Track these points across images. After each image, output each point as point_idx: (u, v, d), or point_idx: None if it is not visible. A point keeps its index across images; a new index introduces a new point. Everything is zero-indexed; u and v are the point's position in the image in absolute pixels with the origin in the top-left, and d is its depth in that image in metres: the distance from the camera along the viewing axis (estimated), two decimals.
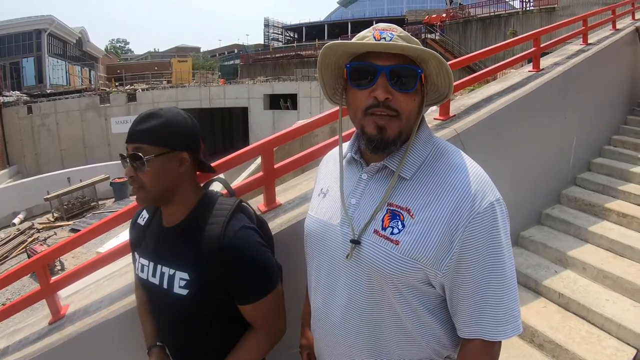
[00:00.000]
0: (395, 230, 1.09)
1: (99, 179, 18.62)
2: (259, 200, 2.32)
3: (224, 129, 34.38)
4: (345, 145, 1.30)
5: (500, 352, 1.12)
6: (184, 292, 1.35)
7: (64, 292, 2.26)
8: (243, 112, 29.55)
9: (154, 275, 1.43)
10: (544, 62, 4.65)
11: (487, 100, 3.66)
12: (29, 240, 14.67)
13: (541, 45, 4.49)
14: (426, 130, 1.19)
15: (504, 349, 1.12)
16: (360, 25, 46.17)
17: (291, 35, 62.81)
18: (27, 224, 16.49)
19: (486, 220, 1.05)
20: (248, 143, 21.23)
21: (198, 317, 1.41)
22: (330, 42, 1.13)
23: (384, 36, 1.07)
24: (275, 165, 2.20)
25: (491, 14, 27.38)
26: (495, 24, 26.40)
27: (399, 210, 1.11)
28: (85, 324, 1.93)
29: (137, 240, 1.55)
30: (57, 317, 2.08)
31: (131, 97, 27.42)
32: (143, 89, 30.14)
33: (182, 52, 63.11)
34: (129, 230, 1.61)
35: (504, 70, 4.65)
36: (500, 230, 1.07)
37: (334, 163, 1.34)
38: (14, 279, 2.16)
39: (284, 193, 2.40)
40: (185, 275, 1.35)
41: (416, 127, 1.15)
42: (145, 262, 1.47)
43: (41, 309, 2.24)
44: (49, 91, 31.18)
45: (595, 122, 5.19)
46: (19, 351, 1.97)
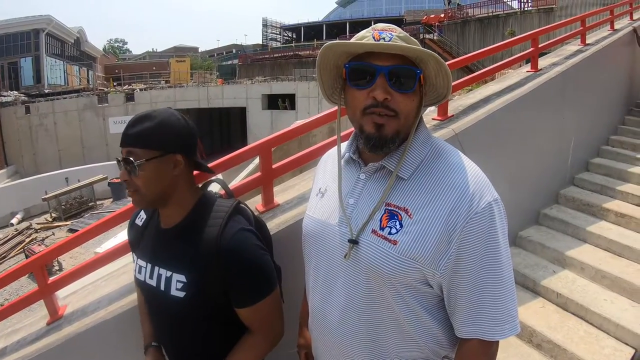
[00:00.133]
0: (393, 230, 1.09)
1: (97, 179, 18.62)
2: (257, 200, 2.31)
3: (222, 129, 34.38)
4: (344, 145, 1.30)
5: (497, 352, 1.12)
6: (181, 295, 1.33)
7: (62, 293, 2.25)
8: (241, 112, 29.58)
9: (151, 277, 1.42)
10: (542, 63, 4.65)
11: (485, 101, 3.66)
12: (27, 240, 14.65)
13: (539, 45, 4.49)
14: (424, 130, 1.19)
15: (502, 349, 1.12)
16: (359, 25, 46.30)
17: (289, 35, 62.80)
18: (25, 224, 16.48)
19: (484, 221, 1.05)
20: (246, 143, 21.25)
21: (195, 320, 1.40)
22: (330, 42, 1.13)
23: (383, 36, 1.07)
24: (274, 166, 2.20)
25: (489, 14, 27.43)
26: (494, 24, 26.46)
27: (397, 210, 1.11)
28: (83, 324, 1.92)
29: (135, 241, 1.54)
30: (55, 318, 2.07)
31: (129, 97, 27.45)
32: (141, 89, 30.14)
33: (180, 52, 63.09)
34: (128, 231, 1.60)
35: (502, 71, 4.65)
36: (498, 230, 1.07)
37: (332, 163, 1.34)
38: (12, 280, 2.14)
39: (282, 193, 2.40)
40: (183, 278, 1.33)
41: (414, 128, 1.15)
42: (143, 264, 1.46)
43: (39, 310, 2.23)
44: (47, 91, 31.19)
45: (594, 123, 5.19)
46: (17, 352, 1.96)
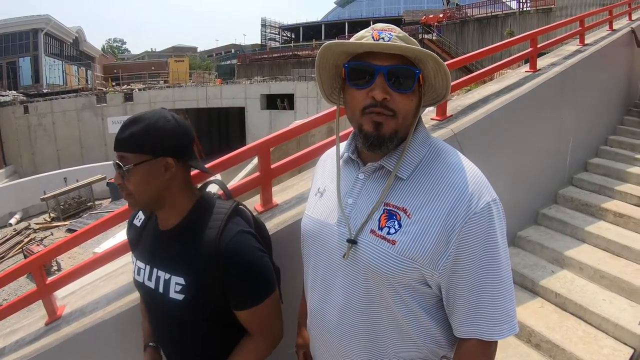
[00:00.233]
0: (392, 230, 1.09)
1: (96, 179, 18.60)
2: (256, 200, 2.31)
3: (221, 129, 34.37)
4: (343, 145, 1.30)
5: (496, 352, 1.12)
6: (180, 297, 1.32)
7: (60, 293, 2.24)
8: (240, 112, 29.56)
9: (149, 278, 1.40)
10: (541, 63, 4.65)
11: (484, 101, 3.66)
12: (26, 240, 14.64)
13: (538, 45, 4.49)
14: (423, 130, 1.19)
15: (501, 349, 1.12)
16: (357, 25, 46.36)
17: (288, 35, 62.82)
18: (24, 224, 16.46)
19: (482, 221, 1.05)
20: (245, 143, 21.25)
21: (194, 322, 1.39)
22: (329, 42, 1.12)
23: (382, 36, 1.07)
24: (272, 166, 2.20)
25: (488, 14, 27.43)
26: (492, 25, 26.45)
27: (395, 210, 1.11)
28: (82, 324, 1.92)
29: (134, 241, 1.53)
30: (54, 318, 2.06)
31: (128, 97, 27.43)
32: (140, 89, 30.15)
33: (179, 52, 62.99)
34: (127, 230, 1.59)
35: (500, 71, 4.65)
36: (497, 231, 1.07)
37: (331, 163, 1.34)
38: (10, 280, 2.14)
39: (280, 193, 2.39)
40: (181, 280, 1.32)
41: (413, 128, 1.15)
42: (142, 265, 1.45)
43: (38, 310, 2.22)
44: (45, 91, 31.19)
45: (592, 123, 5.20)
46: (15, 352, 1.96)
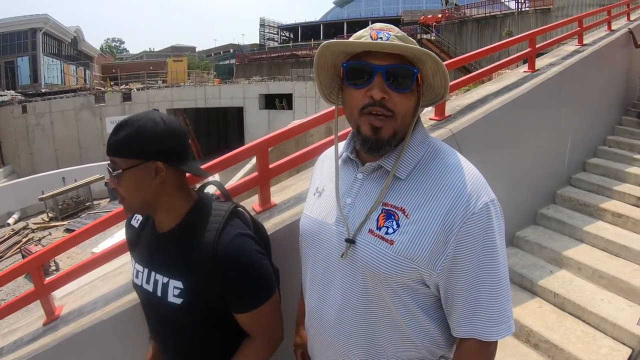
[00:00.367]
0: (390, 230, 1.09)
1: (94, 178, 18.59)
2: (254, 200, 2.31)
3: (220, 129, 34.38)
4: (341, 144, 1.30)
5: (496, 352, 1.12)
6: (178, 301, 1.31)
7: (59, 293, 2.24)
8: (238, 112, 29.58)
9: (147, 282, 1.39)
10: (540, 63, 4.66)
11: (483, 101, 3.66)
12: (24, 240, 14.64)
13: (536, 45, 4.50)
14: (422, 130, 1.19)
15: (499, 349, 1.12)
16: (356, 25, 46.40)
17: (287, 35, 62.77)
18: (22, 224, 16.47)
19: (481, 221, 1.05)
20: (243, 143, 21.21)
21: (193, 326, 1.38)
22: (327, 41, 1.12)
23: (380, 36, 1.07)
24: (270, 165, 2.20)
25: (487, 14, 27.44)
26: (491, 25, 26.47)
27: (393, 210, 1.11)
28: (80, 324, 1.91)
29: (133, 242, 1.52)
30: (52, 318, 2.06)
31: (126, 97, 27.44)
32: (138, 89, 30.15)
33: (178, 52, 62.90)
34: (125, 230, 1.58)
35: (499, 71, 4.67)
36: (495, 231, 1.07)
37: (330, 162, 1.34)
38: (8, 280, 2.13)
39: (279, 193, 2.39)
40: (179, 284, 1.31)
41: (412, 127, 1.14)
42: (140, 268, 1.43)
43: (36, 310, 2.22)
44: (43, 90, 31.18)
45: (590, 123, 5.21)
46: (13, 352, 1.96)
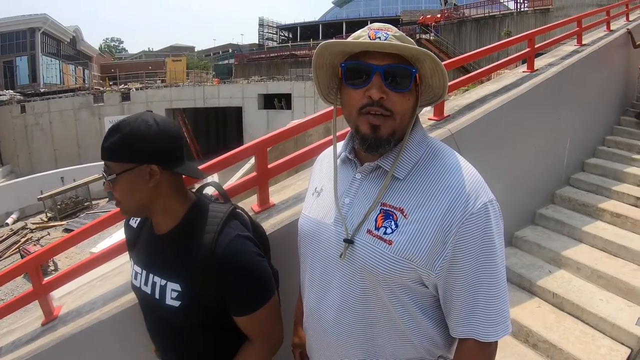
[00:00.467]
0: (389, 230, 1.09)
1: (93, 178, 18.54)
2: (253, 200, 2.31)
3: (218, 129, 34.34)
4: (340, 144, 1.30)
5: (496, 352, 1.12)
6: (176, 304, 1.30)
7: (57, 293, 2.24)
8: (237, 112, 29.56)
9: (146, 283, 1.38)
10: (538, 63, 4.66)
11: (482, 101, 3.66)
12: (22, 240, 14.63)
13: (535, 45, 4.50)
14: (420, 130, 1.19)
15: (498, 349, 1.12)
16: (355, 25, 46.31)
17: (286, 35, 62.72)
18: (21, 224, 16.46)
19: (479, 221, 1.05)
20: (242, 143, 21.11)
21: (192, 329, 1.37)
22: (325, 41, 1.12)
23: (378, 35, 1.07)
24: (269, 165, 2.19)
25: (486, 14, 27.47)
26: (490, 25, 26.50)
27: (392, 210, 1.11)
28: (78, 325, 1.91)
29: (132, 242, 1.51)
30: (50, 318, 2.05)
31: (125, 97, 27.44)
32: (137, 88, 30.14)
33: (177, 52, 62.88)
34: (124, 230, 1.58)
35: (498, 71, 4.67)
36: (494, 231, 1.07)
37: (328, 162, 1.34)
38: (7, 280, 2.13)
39: (277, 193, 2.39)
40: (177, 287, 1.30)
41: (410, 127, 1.14)
42: (139, 270, 1.43)
43: (34, 310, 2.21)
44: (42, 90, 31.15)
45: (589, 123, 5.21)
46: (12, 352, 1.95)
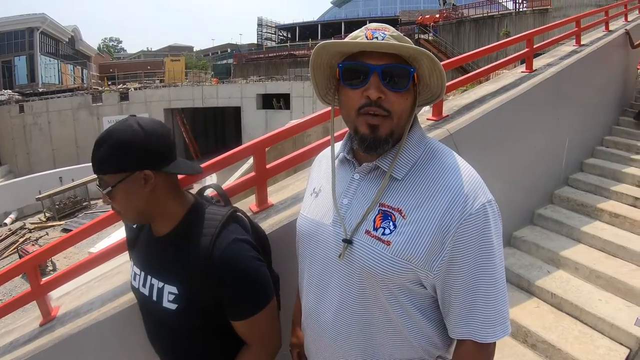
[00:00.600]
0: (387, 230, 1.09)
1: (91, 178, 18.48)
2: (251, 200, 2.31)
3: (217, 129, 34.34)
4: (338, 145, 1.29)
5: (494, 353, 1.12)
6: (173, 307, 1.29)
7: (56, 293, 2.23)
8: (236, 112, 29.54)
9: (144, 285, 1.38)
10: (537, 63, 4.66)
11: (480, 101, 3.66)
12: (21, 240, 14.59)
13: (534, 46, 4.50)
14: (419, 130, 1.19)
15: (497, 349, 1.12)
16: (354, 25, 46.10)
17: (284, 35, 62.68)
18: (19, 224, 16.42)
19: (478, 222, 1.05)
20: (241, 143, 21.13)
21: (189, 332, 1.36)
22: (323, 42, 1.12)
23: (376, 35, 1.07)
24: (268, 166, 2.19)
25: (484, 14, 27.51)
26: (489, 25, 26.54)
27: (390, 210, 1.11)
28: (76, 325, 1.90)
29: (132, 242, 1.51)
30: (48, 319, 2.04)
31: (124, 96, 27.42)
32: (135, 88, 30.11)
33: (175, 51, 62.93)
34: (125, 230, 1.57)
35: (497, 71, 4.66)
36: (492, 232, 1.07)
37: (327, 163, 1.33)
38: (5, 280, 2.13)
39: (276, 193, 2.39)
40: (174, 290, 1.30)
41: (408, 127, 1.14)
42: (137, 271, 1.43)
43: (32, 310, 2.21)
44: (41, 90, 31.11)
45: (588, 123, 5.22)
46: (9, 353, 1.95)
